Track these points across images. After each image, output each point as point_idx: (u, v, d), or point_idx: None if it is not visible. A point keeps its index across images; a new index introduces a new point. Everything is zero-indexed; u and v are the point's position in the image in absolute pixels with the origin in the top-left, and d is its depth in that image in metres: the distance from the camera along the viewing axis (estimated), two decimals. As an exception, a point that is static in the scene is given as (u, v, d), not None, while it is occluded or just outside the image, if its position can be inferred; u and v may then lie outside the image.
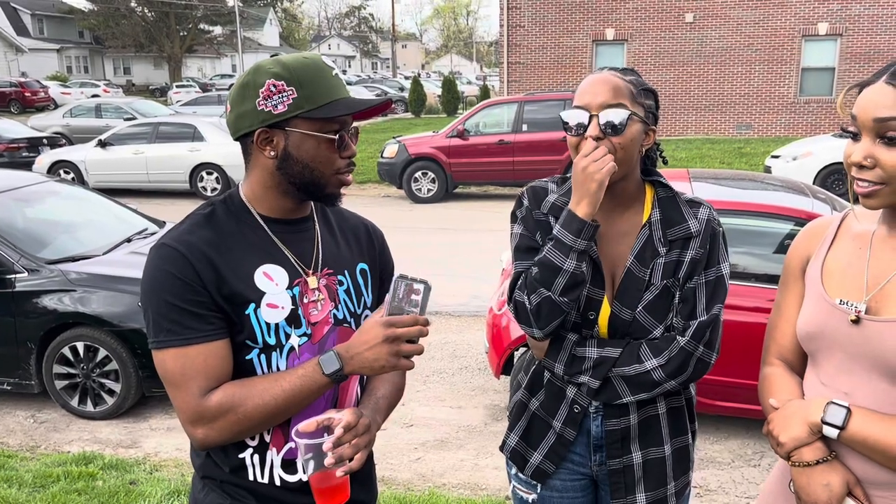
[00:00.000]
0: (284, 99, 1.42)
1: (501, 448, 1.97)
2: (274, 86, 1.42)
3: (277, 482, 1.53)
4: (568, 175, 1.85)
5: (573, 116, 1.71)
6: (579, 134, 1.70)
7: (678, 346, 1.70)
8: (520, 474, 1.93)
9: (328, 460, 1.38)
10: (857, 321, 1.41)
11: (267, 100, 1.43)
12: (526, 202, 1.85)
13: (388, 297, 1.40)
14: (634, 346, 1.73)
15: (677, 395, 1.85)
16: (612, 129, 1.67)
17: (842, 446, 1.42)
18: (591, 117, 1.69)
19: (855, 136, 1.38)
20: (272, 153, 1.46)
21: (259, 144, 1.46)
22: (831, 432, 1.40)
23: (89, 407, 4.84)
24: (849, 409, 1.39)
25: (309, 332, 1.50)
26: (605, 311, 1.76)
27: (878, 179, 1.35)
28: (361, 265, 1.64)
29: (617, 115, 1.68)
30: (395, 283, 1.40)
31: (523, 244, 1.82)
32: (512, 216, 1.89)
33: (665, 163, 1.86)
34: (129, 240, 5.52)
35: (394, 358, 1.38)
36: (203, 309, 1.41)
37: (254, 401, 1.41)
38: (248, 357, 1.46)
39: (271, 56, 1.55)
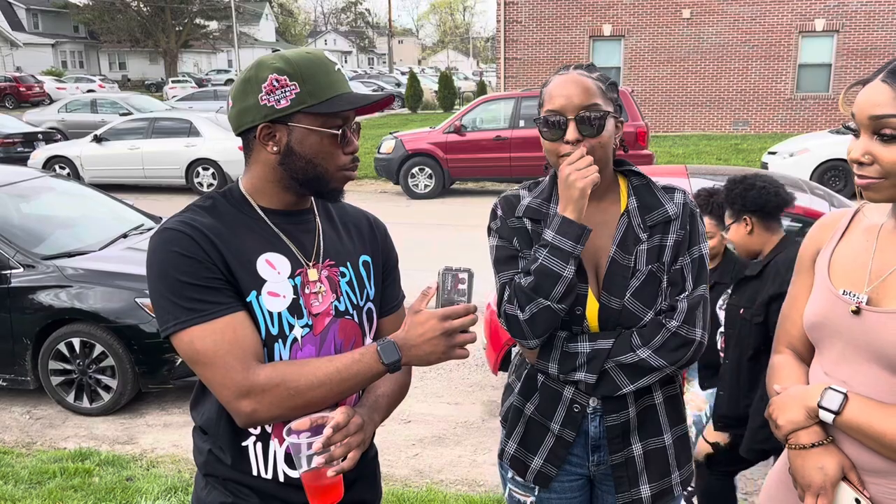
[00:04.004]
0: (287, 94, 1.42)
1: (500, 456, 1.95)
2: (276, 80, 1.42)
3: (281, 478, 1.52)
4: (539, 179, 1.86)
5: (549, 121, 1.71)
6: (557, 138, 1.70)
7: (669, 331, 1.71)
8: (517, 478, 1.91)
9: (318, 460, 1.38)
10: (857, 312, 1.43)
11: (270, 95, 1.42)
12: (500, 212, 1.85)
13: (436, 290, 1.42)
14: (626, 335, 1.73)
15: (672, 384, 1.85)
16: (591, 131, 1.69)
17: (839, 432, 1.45)
18: (567, 121, 1.68)
19: (856, 133, 1.40)
20: (275, 148, 1.46)
21: (262, 140, 1.46)
22: (827, 417, 1.43)
23: (85, 403, 4.82)
24: (846, 395, 1.42)
25: (310, 323, 1.49)
26: (593, 304, 1.75)
27: (877, 175, 1.37)
28: (364, 257, 1.63)
29: (594, 117, 1.69)
30: (442, 276, 1.43)
31: (503, 255, 1.81)
32: (487, 230, 1.88)
33: (625, 150, 1.87)
34: (125, 235, 5.52)
35: (450, 350, 1.40)
36: (219, 284, 1.40)
37: (306, 377, 1.38)
38: None
39: (272, 51, 1.54)
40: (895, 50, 18.37)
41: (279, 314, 1.45)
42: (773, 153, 11.64)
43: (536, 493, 1.89)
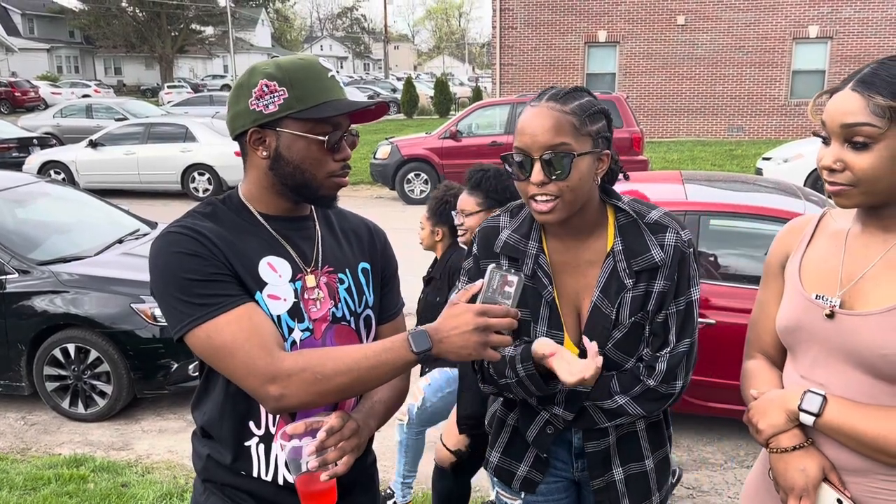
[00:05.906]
0: (276, 99, 1.43)
1: (485, 466, 1.95)
2: (266, 86, 1.43)
3: (280, 481, 1.52)
4: (522, 203, 1.76)
5: (514, 160, 1.61)
6: (523, 179, 1.60)
7: (647, 386, 1.67)
8: (504, 483, 1.92)
9: (311, 464, 1.38)
10: (831, 315, 1.45)
11: (259, 99, 1.43)
12: (476, 250, 1.78)
13: (482, 287, 1.36)
14: (606, 379, 1.69)
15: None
16: (558, 173, 1.56)
17: (818, 434, 1.47)
18: (532, 161, 1.57)
19: (826, 141, 1.43)
20: (264, 153, 1.47)
21: (252, 144, 1.47)
22: (807, 419, 1.44)
23: (80, 409, 4.81)
24: (825, 398, 1.43)
25: (311, 327, 1.50)
26: (572, 349, 1.69)
27: (848, 182, 1.39)
28: (363, 264, 1.63)
29: (559, 159, 1.55)
30: (490, 274, 1.37)
31: None
32: (461, 269, 1.82)
33: (626, 178, 1.75)
34: (120, 241, 5.50)
35: (481, 347, 1.33)
36: (226, 277, 1.40)
37: (333, 362, 1.36)
38: None
39: (269, 57, 1.54)
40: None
41: (278, 317, 1.46)
42: (768, 159, 11.66)
43: (523, 497, 1.89)
